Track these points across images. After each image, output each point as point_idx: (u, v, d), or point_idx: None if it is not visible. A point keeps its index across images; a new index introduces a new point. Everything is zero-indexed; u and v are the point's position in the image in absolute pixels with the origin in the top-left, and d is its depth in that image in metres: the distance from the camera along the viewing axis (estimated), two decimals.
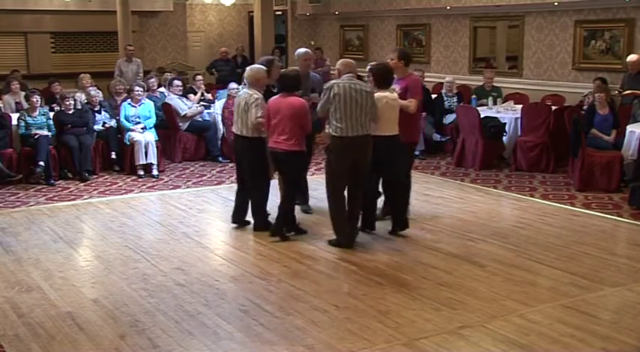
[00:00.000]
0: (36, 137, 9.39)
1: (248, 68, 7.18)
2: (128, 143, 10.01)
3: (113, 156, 10.15)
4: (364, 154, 6.48)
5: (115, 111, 10.56)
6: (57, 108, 10.17)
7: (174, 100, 11.00)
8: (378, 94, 6.64)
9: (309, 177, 8.86)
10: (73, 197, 8.77)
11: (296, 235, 6.88)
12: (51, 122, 9.73)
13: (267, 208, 7.16)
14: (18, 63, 14.90)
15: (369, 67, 7.13)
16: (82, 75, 11.69)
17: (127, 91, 11.13)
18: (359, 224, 6.83)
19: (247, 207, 7.21)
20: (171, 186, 9.32)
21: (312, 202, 8.24)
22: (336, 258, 6.33)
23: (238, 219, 7.27)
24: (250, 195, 7.10)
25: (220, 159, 10.86)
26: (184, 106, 11.00)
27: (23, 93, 10.63)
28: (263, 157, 6.87)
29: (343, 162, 6.45)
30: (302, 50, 8.32)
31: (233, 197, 8.13)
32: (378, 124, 6.60)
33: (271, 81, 7.19)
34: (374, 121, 6.54)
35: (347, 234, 6.57)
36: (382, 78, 6.78)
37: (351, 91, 6.35)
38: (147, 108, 10.33)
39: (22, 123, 9.54)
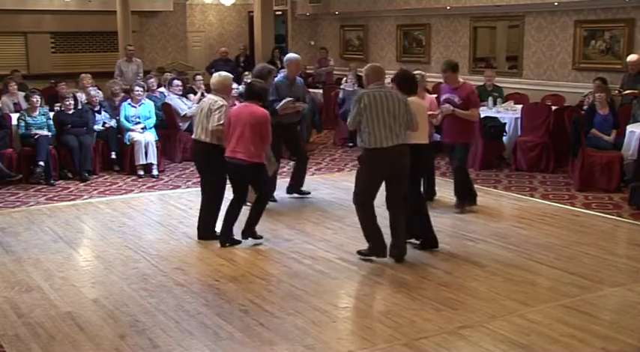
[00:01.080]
0: (36, 137, 9.39)
1: (216, 74, 7.10)
2: (128, 143, 10.01)
3: (113, 156, 10.15)
4: (401, 165, 6.13)
5: (115, 112, 10.56)
6: (57, 108, 10.17)
7: (174, 100, 11.00)
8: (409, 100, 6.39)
9: (309, 177, 8.87)
10: (73, 197, 8.77)
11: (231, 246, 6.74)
12: (51, 122, 9.73)
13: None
14: (18, 63, 14.89)
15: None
16: (83, 75, 11.68)
17: (127, 91, 11.13)
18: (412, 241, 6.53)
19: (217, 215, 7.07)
20: (171, 186, 9.32)
21: (311, 202, 8.26)
22: (336, 258, 6.32)
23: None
24: (207, 201, 7.00)
25: None
26: (184, 106, 11.00)
27: (22, 94, 10.63)
28: (221, 164, 6.73)
29: (378, 174, 6.13)
30: (294, 55, 8.35)
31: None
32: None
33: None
34: (412, 129, 6.22)
35: (381, 242, 6.24)
36: (407, 85, 6.49)
37: (382, 100, 5.99)
38: (147, 108, 10.33)
39: (22, 123, 9.54)
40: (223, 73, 7.14)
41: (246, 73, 13.39)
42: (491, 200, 8.50)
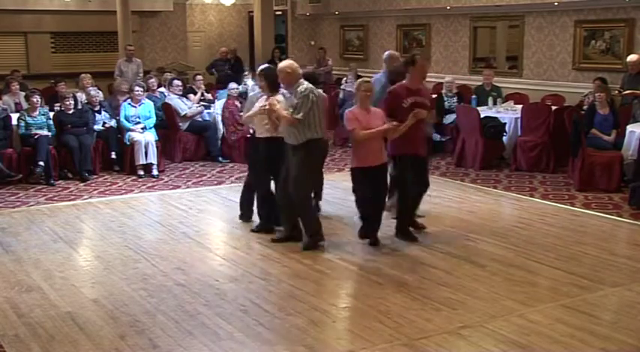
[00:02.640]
0: (36, 137, 9.39)
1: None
2: (128, 143, 10.01)
3: (113, 156, 10.15)
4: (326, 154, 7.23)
5: (115, 112, 10.56)
6: (57, 108, 10.17)
7: (174, 100, 11.00)
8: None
9: None
10: (73, 197, 8.77)
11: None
12: (51, 122, 9.72)
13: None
14: (18, 63, 14.87)
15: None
16: (83, 75, 11.68)
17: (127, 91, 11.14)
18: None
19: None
20: (171, 186, 9.32)
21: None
22: (336, 258, 6.32)
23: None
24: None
25: (220, 159, 10.84)
26: (184, 106, 11.00)
27: (23, 94, 10.63)
28: None
29: (319, 163, 6.88)
30: (393, 51, 8.14)
31: (233, 197, 8.16)
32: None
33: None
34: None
35: (320, 228, 6.65)
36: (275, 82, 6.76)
37: (319, 96, 6.53)
38: (147, 108, 10.33)
39: (22, 123, 9.54)
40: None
41: (245, 73, 13.41)
42: (491, 200, 8.50)
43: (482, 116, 10.15)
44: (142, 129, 10.10)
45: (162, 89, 11.80)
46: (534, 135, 9.93)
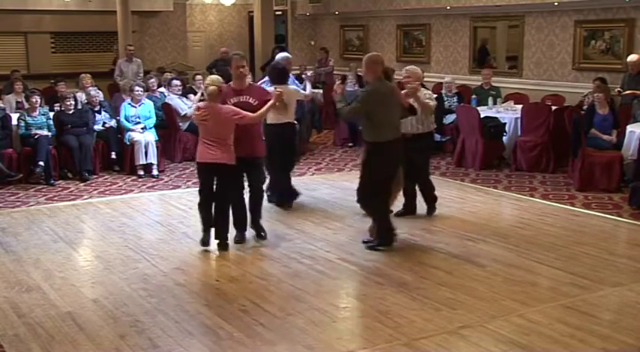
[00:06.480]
0: (36, 137, 9.39)
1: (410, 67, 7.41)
2: (128, 143, 10.01)
3: (113, 156, 10.14)
4: None
5: (115, 111, 10.56)
6: (57, 108, 10.17)
7: (174, 100, 11.00)
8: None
9: (309, 177, 8.84)
10: (73, 197, 8.77)
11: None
12: (51, 122, 9.73)
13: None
14: (18, 63, 14.87)
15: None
16: (83, 75, 11.67)
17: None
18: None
19: None
20: (171, 186, 9.32)
21: (311, 202, 8.25)
22: (336, 258, 6.32)
23: None
24: None
25: None
26: (184, 106, 11.00)
27: (24, 94, 10.64)
28: None
29: None
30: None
31: None
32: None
33: None
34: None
35: None
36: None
37: None
38: (147, 108, 10.33)
39: (22, 123, 9.54)
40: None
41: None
42: (491, 200, 8.50)
43: (482, 116, 10.15)
44: (142, 129, 10.09)
45: (162, 89, 11.80)
46: (534, 135, 9.93)
